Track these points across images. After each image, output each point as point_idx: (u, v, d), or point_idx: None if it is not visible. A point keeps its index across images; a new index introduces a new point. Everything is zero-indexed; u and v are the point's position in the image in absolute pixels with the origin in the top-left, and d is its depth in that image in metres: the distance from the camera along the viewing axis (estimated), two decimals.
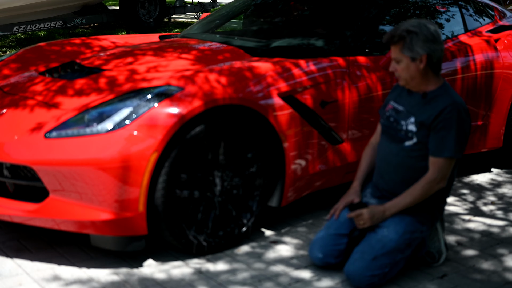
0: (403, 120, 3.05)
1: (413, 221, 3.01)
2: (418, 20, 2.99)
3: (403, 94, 3.12)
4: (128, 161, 2.93)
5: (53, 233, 3.47)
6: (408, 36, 2.92)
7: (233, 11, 5.00)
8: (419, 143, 3.00)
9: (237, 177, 3.36)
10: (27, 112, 3.27)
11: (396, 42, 2.95)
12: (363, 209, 3.02)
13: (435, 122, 2.94)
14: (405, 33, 2.92)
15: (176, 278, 3.05)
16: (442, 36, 4.36)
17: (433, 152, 2.96)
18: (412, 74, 2.97)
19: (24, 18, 8.79)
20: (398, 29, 2.95)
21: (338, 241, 3.09)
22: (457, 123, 2.92)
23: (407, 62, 2.95)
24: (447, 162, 2.95)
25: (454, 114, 2.92)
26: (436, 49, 2.94)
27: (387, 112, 3.15)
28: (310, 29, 4.26)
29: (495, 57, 4.47)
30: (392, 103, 3.15)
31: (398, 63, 2.98)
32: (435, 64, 2.97)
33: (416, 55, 2.93)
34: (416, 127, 2.99)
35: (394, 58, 2.99)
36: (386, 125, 3.14)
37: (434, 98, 2.98)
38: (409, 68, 2.96)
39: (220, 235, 3.31)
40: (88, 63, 3.83)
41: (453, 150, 2.93)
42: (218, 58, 3.81)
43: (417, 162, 3.02)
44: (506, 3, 10.19)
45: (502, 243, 3.51)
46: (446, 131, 2.92)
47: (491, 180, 4.61)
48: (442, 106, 2.94)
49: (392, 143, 3.09)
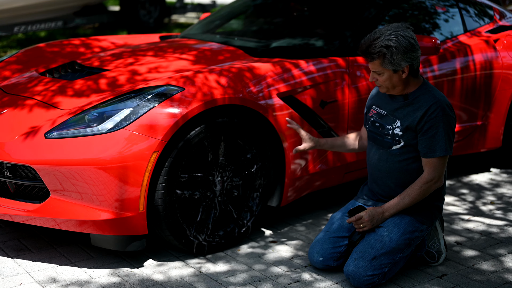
0: (388, 124, 3.04)
1: (412, 221, 3.02)
2: (394, 29, 2.90)
3: (384, 98, 3.10)
4: (129, 161, 2.94)
5: (53, 233, 3.47)
6: (388, 51, 2.86)
7: (233, 11, 5.00)
8: (406, 146, 3.00)
9: (237, 177, 3.36)
10: (27, 112, 3.28)
11: (372, 58, 2.90)
12: (362, 213, 3.02)
13: (421, 124, 2.94)
14: (384, 50, 2.86)
15: (176, 278, 3.05)
16: (441, 36, 4.38)
17: (425, 154, 2.96)
18: (395, 83, 2.96)
19: (25, 18, 8.78)
20: (375, 45, 2.87)
21: (338, 244, 3.10)
22: (443, 121, 2.92)
23: (389, 74, 2.93)
24: (440, 161, 2.96)
25: (439, 112, 2.92)
26: (417, 57, 2.93)
27: (371, 118, 3.14)
28: (310, 29, 4.27)
29: (494, 57, 4.47)
30: (374, 108, 3.14)
31: (379, 75, 2.95)
32: (416, 70, 2.97)
33: (399, 67, 2.90)
34: (401, 131, 2.99)
35: (375, 71, 2.95)
36: (371, 131, 3.14)
37: (416, 98, 2.98)
38: (391, 79, 2.94)
39: (220, 235, 3.32)
40: (89, 63, 3.84)
41: (444, 148, 2.93)
42: (218, 58, 3.82)
43: (407, 165, 3.03)
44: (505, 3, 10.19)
45: (502, 243, 3.52)
46: (434, 131, 2.92)
47: (491, 180, 4.61)
48: (425, 107, 2.93)
49: (380, 149, 3.09)
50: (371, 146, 3.16)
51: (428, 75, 4.09)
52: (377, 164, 3.11)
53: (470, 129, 4.41)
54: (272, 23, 4.72)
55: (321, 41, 4.04)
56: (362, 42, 2.93)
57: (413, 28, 2.98)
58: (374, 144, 3.13)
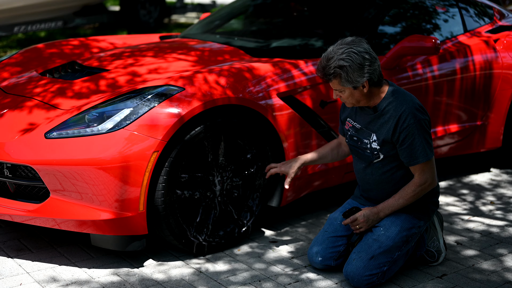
0: (365, 138, 3.03)
1: (409, 218, 3.02)
2: (347, 46, 2.86)
3: (355, 110, 3.09)
4: (129, 161, 2.94)
5: (53, 233, 3.48)
6: (343, 71, 2.83)
7: (233, 11, 5.00)
8: (386, 158, 3.00)
9: (237, 177, 3.37)
10: (27, 112, 3.28)
11: (332, 79, 2.89)
12: (357, 214, 3.02)
13: (396, 136, 2.92)
14: (338, 70, 2.84)
15: (176, 278, 3.05)
16: (441, 36, 4.38)
17: (408, 163, 2.95)
18: (358, 98, 2.93)
19: (25, 18, 8.79)
20: (329, 66, 2.84)
21: (337, 243, 3.10)
22: (417, 127, 2.89)
23: (350, 91, 2.91)
24: (427, 164, 2.95)
25: (410, 120, 2.89)
26: (375, 69, 2.88)
27: (349, 131, 3.13)
28: (310, 29, 4.27)
29: (494, 57, 4.47)
30: (349, 121, 3.13)
31: (341, 92, 2.93)
32: (377, 81, 2.92)
33: (357, 84, 2.87)
34: (379, 145, 2.99)
35: (336, 89, 2.93)
36: (352, 145, 3.13)
37: (384, 109, 2.95)
38: (353, 95, 2.92)
39: (220, 235, 3.32)
40: (88, 63, 3.84)
41: (425, 153, 2.92)
42: (218, 58, 3.82)
43: (393, 174, 3.03)
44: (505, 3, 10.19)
45: (502, 243, 3.52)
46: (411, 139, 2.90)
47: (491, 180, 4.61)
48: (395, 117, 2.90)
49: (363, 163, 3.10)
50: (356, 160, 3.16)
51: (428, 75, 4.09)
52: (364, 178, 3.12)
53: (470, 129, 4.41)
54: (272, 23, 4.73)
55: (321, 41, 4.04)
56: (319, 63, 2.90)
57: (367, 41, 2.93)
58: (358, 158, 3.12)
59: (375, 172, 3.06)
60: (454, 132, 4.31)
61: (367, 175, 3.10)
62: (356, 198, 3.24)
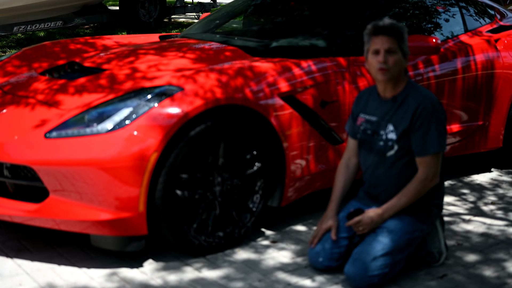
0: (381, 129, 3.03)
1: (412, 221, 3.01)
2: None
3: (370, 104, 3.10)
4: (128, 161, 2.93)
5: (53, 233, 3.47)
6: (405, 32, 2.94)
7: (233, 11, 5.00)
8: (400, 150, 2.99)
9: (237, 178, 3.35)
10: (27, 112, 3.27)
11: (394, 34, 2.91)
12: (361, 216, 3.01)
13: (412, 123, 2.94)
14: (402, 29, 2.93)
15: (176, 278, 3.05)
16: (442, 36, 4.38)
17: (418, 153, 2.95)
18: (400, 69, 2.96)
19: (24, 18, 8.79)
20: (396, 24, 2.94)
21: (338, 244, 3.09)
22: (434, 116, 2.92)
23: (400, 57, 2.94)
24: (434, 158, 2.95)
25: (429, 108, 2.92)
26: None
27: (361, 126, 3.12)
28: (311, 29, 4.26)
29: (495, 57, 4.47)
30: (362, 116, 3.13)
31: (391, 54, 2.92)
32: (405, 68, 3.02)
33: (407, 52, 2.96)
34: (396, 135, 2.98)
35: (389, 48, 2.91)
36: (363, 139, 3.12)
37: (404, 99, 2.98)
38: (400, 63, 2.95)
39: (220, 235, 3.31)
40: (88, 63, 3.83)
41: (437, 144, 2.93)
42: (218, 58, 3.81)
43: (406, 169, 3.02)
44: (506, 3, 10.19)
45: (502, 244, 3.51)
46: (425, 128, 2.92)
47: (491, 180, 4.61)
48: (414, 105, 2.94)
49: (374, 157, 3.08)
50: (365, 156, 3.13)
51: (429, 74, 4.08)
52: (373, 173, 3.10)
53: (471, 129, 4.41)
54: (272, 23, 4.72)
55: (322, 40, 4.03)
56: (381, 22, 2.94)
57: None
58: (369, 152, 3.10)
59: (386, 165, 3.04)
60: (455, 132, 4.30)
61: (378, 168, 3.07)
62: (359, 200, 3.22)
